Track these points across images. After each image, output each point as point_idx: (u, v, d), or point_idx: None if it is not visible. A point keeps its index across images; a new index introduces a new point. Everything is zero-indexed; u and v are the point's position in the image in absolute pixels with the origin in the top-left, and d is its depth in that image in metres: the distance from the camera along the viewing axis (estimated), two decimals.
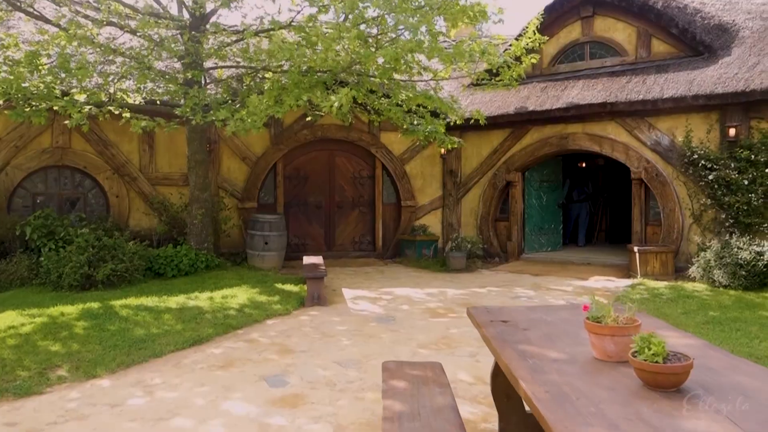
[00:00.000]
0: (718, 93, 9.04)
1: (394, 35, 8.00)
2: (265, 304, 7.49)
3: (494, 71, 9.44)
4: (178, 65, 10.05)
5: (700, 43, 9.97)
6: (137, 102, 9.17)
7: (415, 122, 9.60)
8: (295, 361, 5.28)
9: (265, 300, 7.70)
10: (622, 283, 9.18)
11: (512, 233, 11.86)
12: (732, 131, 9.04)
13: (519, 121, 11.46)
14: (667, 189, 9.89)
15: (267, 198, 12.13)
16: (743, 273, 8.16)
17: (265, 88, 7.91)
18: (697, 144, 9.56)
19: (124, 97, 9.08)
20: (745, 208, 8.86)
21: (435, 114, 10.20)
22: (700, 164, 9.30)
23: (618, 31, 11.07)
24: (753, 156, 8.77)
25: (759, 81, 8.74)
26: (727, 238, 9.06)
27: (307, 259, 9.06)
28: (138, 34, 8.69)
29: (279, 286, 8.65)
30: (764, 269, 8.22)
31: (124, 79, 9.04)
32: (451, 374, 4.59)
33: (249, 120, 7.76)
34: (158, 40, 8.80)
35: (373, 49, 7.23)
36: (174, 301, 7.35)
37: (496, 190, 11.96)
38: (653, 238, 10.28)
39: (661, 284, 8.84)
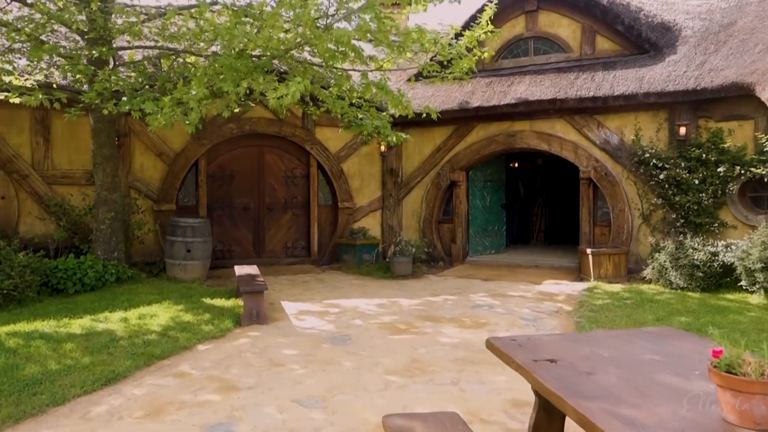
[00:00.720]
0: (669, 91, 8.87)
1: (344, 12, 7.05)
2: (194, 324, 6.31)
3: (445, 63, 8.73)
4: (83, 44, 8.54)
5: (645, 40, 9.81)
6: (29, 85, 7.62)
7: (360, 116, 8.70)
8: (243, 402, 4.23)
9: (192, 319, 6.51)
10: (577, 286, 8.78)
11: (456, 236, 11.26)
12: (682, 130, 8.89)
13: (464, 118, 10.88)
14: (617, 189, 9.64)
15: (188, 199, 10.77)
16: (700, 274, 7.96)
17: (196, 74, 6.69)
18: (646, 143, 9.36)
19: (12, 78, 7.50)
20: (696, 207, 8.72)
21: (379, 108, 9.36)
22: (651, 163, 9.09)
23: (563, 26, 10.76)
24: (704, 155, 8.64)
25: (709, 79, 8.63)
26: (679, 238, 8.90)
27: (241, 269, 7.92)
28: (29, 1, 7.19)
29: (207, 301, 7.46)
30: (719, 270, 8.07)
31: (11, 56, 7.47)
32: (439, 410, 3.75)
33: (179, 114, 6.57)
34: (56, 10, 7.33)
35: (324, 30, 6.24)
36: (78, 325, 6.01)
37: (439, 191, 11.32)
38: (601, 239, 10.02)
39: (617, 287, 8.51)
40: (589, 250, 9.09)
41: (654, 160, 9.03)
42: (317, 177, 11.56)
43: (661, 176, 8.98)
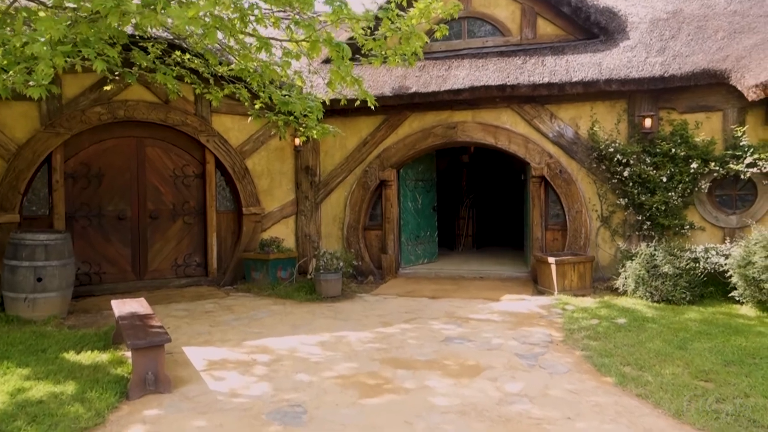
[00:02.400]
0: (633, 78, 7.89)
1: None
2: (50, 406, 4.01)
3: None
4: None
5: (595, 24, 8.83)
6: None
7: (284, 94, 6.67)
8: None
9: (47, 395, 4.19)
10: (542, 302, 7.49)
11: (387, 244, 9.58)
12: (647, 122, 7.96)
13: (396, 106, 9.24)
14: (573, 188, 8.54)
15: (37, 208, 8.02)
16: (684, 284, 7.00)
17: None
18: (605, 136, 8.34)
19: None
20: (663, 208, 7.82)
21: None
22: (614, 159, 8.06)
23: (500, 7, 9.51)
24: (673, 149, 7.75)
25: (677, 66, 7.76)
26: (647, 243, 7.96)
27: (121, 305, 5.60)
28: None
29: (71, 356, 5.10)
30: (703, 278, 7.17)
31: None
32: None
33: (18, 73, 4.18)
34: None
35: None
36: None
37: (366, 192, 9.57)
38: (553, 245, 8.88)
39: (588, 302, 7.33)
40: (552, 259, 7.85)
41: (618, 156, 8.00)
42: (215, 176, 9.29)
43: (625, 173, 7.99)
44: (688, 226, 7.87)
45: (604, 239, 8.49)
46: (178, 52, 7.19)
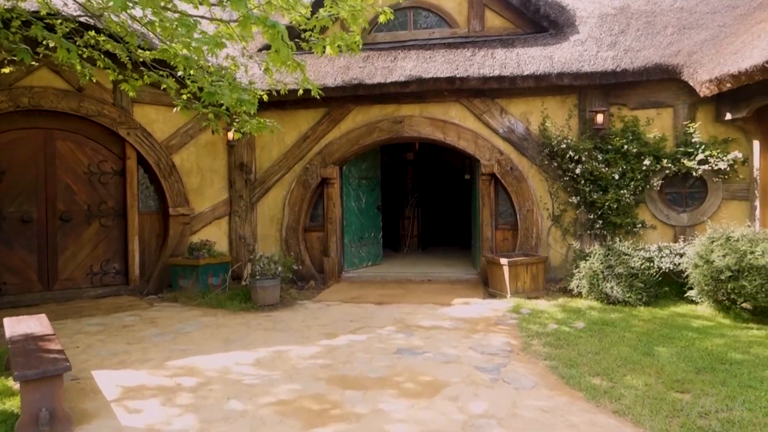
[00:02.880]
0: (585, 72, 7.64)
1: None
2: None
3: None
4: None
5: (544, 17, 8.53)
6: None
7: (212, 82, 5.92)
8: None
9: None
10: (495, 306, 7.08)
11: (329, 247, 8.94)
12: (599, 118, 7.72)
13: (338, 99, 8.62)
14: (524, 186, 8.21)
15: None
16: (640, 285, 6.77)
17: None
18: (557, 132, 8.06)
19: None
20: (615, 206, 7.60)
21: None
22: (566, 156, 7.78)
23: None
24: (625, 146, 7.54)
25: (629, 60, 7.56)
26: (597, 242, 7.74)
27: (15, 324, 4.71)
28: None
29: None
30: (658, 278, 6.97)
31: None
32: None
33: None
34: None
35: None
36: None
37: (307, 190, 8.90)
38: (503, 245, 8.53)
39: (543, 304, 6.99)
40: (504, 261, 7.47)
41: (570, 152, 7.72)
42: (137, 174, 8.36)
43: (577, 171, 7.72)
44: (639, 225, 7.69)
45: (555, 239, 8.20)
46: (92, 32, 6.29)
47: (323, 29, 8.56)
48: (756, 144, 6.96)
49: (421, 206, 12.19)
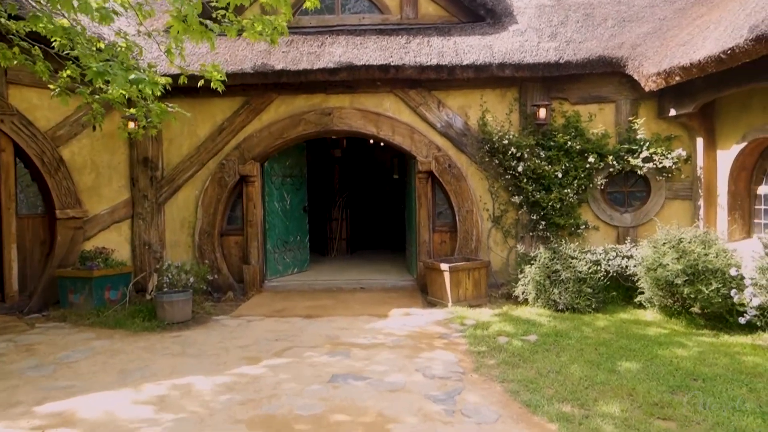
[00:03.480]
0: (528, 63, 7.17)
1: None
2: None
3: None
4: None
5: (481, 5, 8.01)
6: None
7: (101, 62, 4.84)
8: None
9: None
10: (437, 316, 6.45)
11: (250, 253, 7.97)
12: (542, 113, 7.27)
13: (259, 86, 7.69)
14: (463, 185, 7.64)
15: None
16: (588, 290, 6.35)
17: None
18: (497, 127, 7.54)
19: None
20: (558, 206, 7.19)
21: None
22: (508, 152, 7.27)
23: None
24: (569, 143, 7.15)
25: (572, 52, 7.16)
26: (541, 245, 7.30)
27: None
28: None
29: None
30: (606, 283, 6.59)
31: None
32: None
33: None
34: None
35: None
36: None
37: (224, 190, 7.88)
38: (441, 248, 7.92)
39: (487, 314, 6.43)
40: (445, 267, 6.84)
41: (512, 149, 7.23)
42: (14, 169, 7.03)
43: (519, 168, 7.24)
44: (583, 226, 7.32)
45: (496, 241, 7.70)
46: None
47: (239, 9, 7.62)
48: (700, 141, 6.75)
49: (350, 207, 11.40)
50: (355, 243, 11.57)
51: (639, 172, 7.05)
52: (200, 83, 5.53)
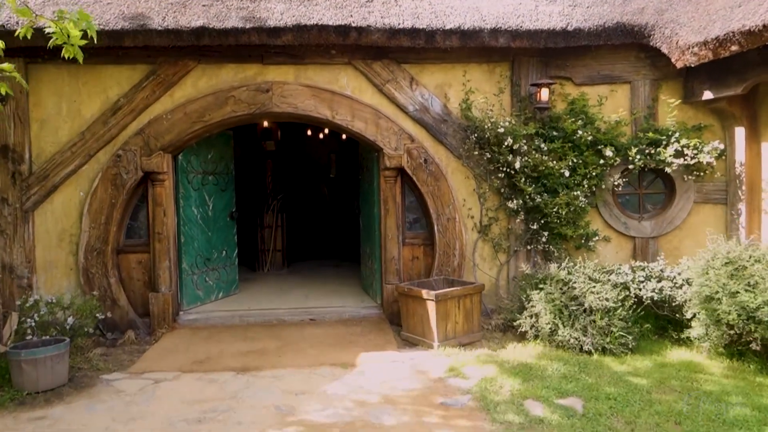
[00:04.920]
0: (527, 30, 5.59)
1: None
2: None
3: None
4: None
5: None
6: None
7: None
8: None
9: None
10: (426, 364, 4.76)
11: (159, 276, 5.89)
12: (543, 94, 5.74)
13: (170, 50, 5.63)
14: (443, 185, 5.98)
15: None
16: (620, 324, 4.86)
17: None
18: (486, 112, 5.93)
19: None
20: (565, 212, 5.68)
21: None
22: (504, 144, 5.68)
23: None
24: (579, 132, 5.66)
25: (581, 17, 5.67)
26: (540, 260, 5.80)
27: None
28: None
29: None
30: (640, 313, 5.12)
31: None
32: None
33: None
34: None
35: None
36: None
37: (121, 191, 5.74)
38: (413, 266, 6.23)
39: (496, 361, 4.80)
40: (429, 294, 5.14)
41: (509, 139, 5.64)
42: None
43: (517, 164, 5.67)
44: (595, 237, 5.87)
45: (483, 257, 6.10)
46: None
47: None
48: (739, 132, 5.48)
49: (286, 211, 9.44)
50: (291, 254, 9.63)
51: (667, 169, 5.67)
52: (51, 43, 3.32)
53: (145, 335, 5.75)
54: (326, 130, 10.82)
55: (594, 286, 4.98)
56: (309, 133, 10.78)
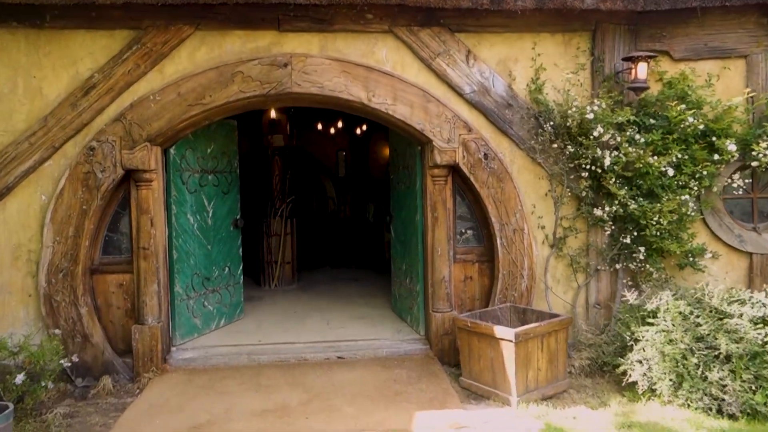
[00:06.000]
0: None
1: None
2: None
3: None
4: None
5: None
6: None
7: None
8: None
9: None
10: None
11: (144, 303, 4.56)
12: (640, 70, 4.47)
13: (159, 9, 4.32)
14: (508, 188, 4.71)
15: None
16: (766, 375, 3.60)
17: None
18: (561, 95, 4.67)
19: None
20: (666, 221, 4.41)
21: None
22: (591, 135, 4.41)
23: None
24: (688, 120, 4.39)
25: None
26: (627, 281, 4.56)
27: None
28: None
29: None
30: None
31: None
32: None
33: None
34: None
35: None
36: None
37: (95, 194, 4.42)
38: (466, 289, 4.95)
39: (604, 424, 3.53)
40: (506, 332, 3.86)
41: (599, 129, 4.36)
42: None
43: (606, 161, 4.40)
44: (706, 254, 4.61)
45: (556, 277, 4.84)
46: None
47: None
48: None
49: (297, 216, 8.12)
50: (300, 263, 8.32)
51: None
52: None
53: (126, 381, 4.44)
54: (339, 124, 9.58)
55: (726, 322, 3.73)
56: (320, 127, 9.52)
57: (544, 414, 3.69)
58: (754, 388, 3.55)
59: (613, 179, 4.46)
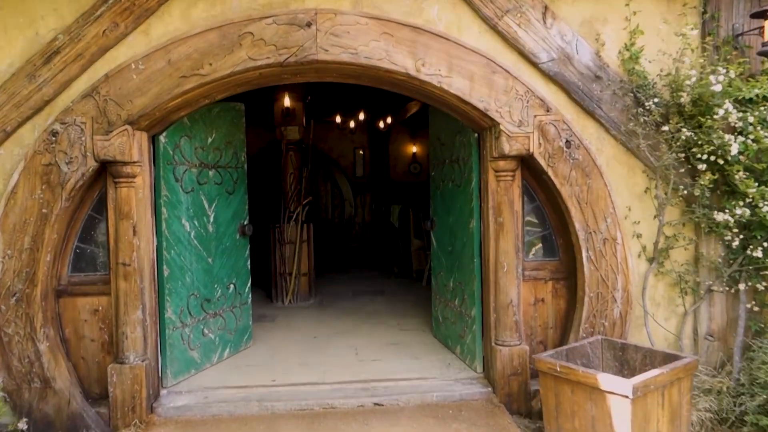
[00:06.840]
0: None
1: None
2: None
3: None
4: None
5: None
6: None
7: None
8: None
9: None
10: None
11: (125, 333, 3.50)
12: None
13: None
14: (596, 184, 3.62)
15: None
16: None
17: None
18: (662, 65, 3.59)
19: None
20: None
21: None
22: (716, 115, 3.31)
23: None
24: None
25: None
26: (748, 306, 3.46)
27: None
28: None
29: None
30: None
31: None
32: None
33: None
34: None
35: None
36: None
37: (59, 195, 3.36)
38: (537, 313, 3.87)
39: None
40: (617, 386, 2.77)
41: (727, 106, 3.27)
42: None
43: (734, 149, 3.31)
44: None
45: (656, 300, 3.75)
46: None
47: None
48: None
49: (314, 219, 7.04)
50: (316, 273, 7.25)
51: None
52: None
53: None
54: (361, 116, 8.54)
55: None
56: (338, 120, 8.48)
57: None
58: None
59: (740, 172, 3.37)
